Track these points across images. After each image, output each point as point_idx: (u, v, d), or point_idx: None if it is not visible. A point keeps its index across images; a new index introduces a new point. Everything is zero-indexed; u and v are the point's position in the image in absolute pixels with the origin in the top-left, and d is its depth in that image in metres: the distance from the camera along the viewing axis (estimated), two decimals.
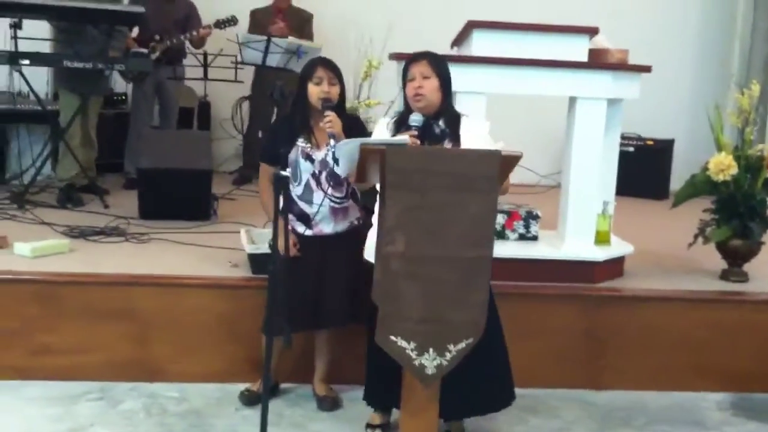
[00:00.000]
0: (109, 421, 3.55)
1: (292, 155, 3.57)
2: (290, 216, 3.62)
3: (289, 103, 3.68)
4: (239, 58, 6.40)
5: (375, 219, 3.45)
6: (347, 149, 2.99)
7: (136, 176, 5.69)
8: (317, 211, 3.56)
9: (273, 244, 3.16)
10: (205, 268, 4.18)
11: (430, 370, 2.89)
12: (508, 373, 3.40)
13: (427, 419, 2.98)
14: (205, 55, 6.78)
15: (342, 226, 3.64)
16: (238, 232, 4.33)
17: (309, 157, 3.56)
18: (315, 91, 3.51)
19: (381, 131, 3.42)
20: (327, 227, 3.61)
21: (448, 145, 3.30)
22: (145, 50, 6.19)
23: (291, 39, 6.16)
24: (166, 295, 3.96)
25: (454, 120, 3.37)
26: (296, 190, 3.61)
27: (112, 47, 5.82)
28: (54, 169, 6.24)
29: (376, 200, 3.48)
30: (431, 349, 2.87)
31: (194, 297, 3.98)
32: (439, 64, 3.36)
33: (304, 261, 3.53)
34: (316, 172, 3.57)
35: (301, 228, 3.61)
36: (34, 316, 3.89)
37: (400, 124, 3.37)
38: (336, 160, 3.51)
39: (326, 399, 3.75)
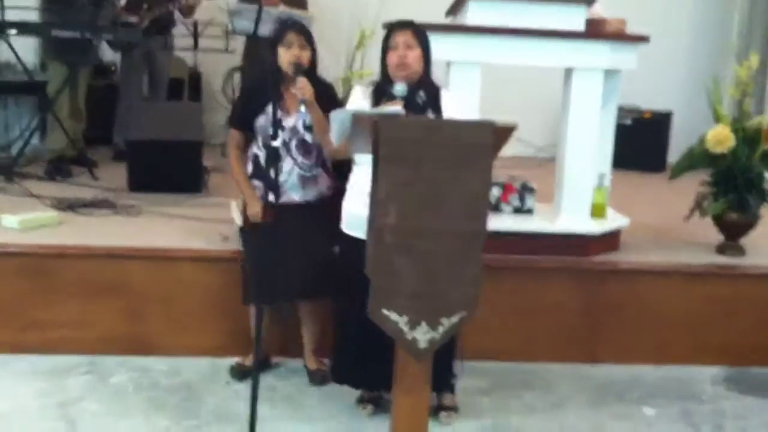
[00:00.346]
0: (99, 394, 3.52)
1: (261, 121, 3.50)
2: (258, 183, 3.57)
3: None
4: (230, 28, 6.30)
5: (349, 189, 3.42)
6: (339, 118, 2.92)
7: (126, 148, 5.62)
8: (285, 179, 3.49)
9: (243, 215, 3.12)
10: (196, 242, 4.13)
11: (422, 344, 2.84)
12: (450, 356, 3.35)
13: (420, 395, 2.94)
14: (195, 24, 6.67)
15: (311, 194, 3.58)
16: (229, 205, 4.27)
17: (279, 124, 3.48)
18: (285, 56, 3.44)
19: (358, 98, 3.37)
20: (296, 195, 3.54)
21: (430, 116, 3.27)
22: (134, 19, 6.09)
23: (282, 8, 6.07)
24: (157, 268, 3.92)
25: (434, 91, 3.35)
26: (265, 157, 3.55)
27: (100, 16, 5.71)
28: (42, 141, 6.16)
29: (350, 170, 3.44)
30: (424, 323, 2.83)
31: (185, 270, 3.94)
32: (422, 35, 3.35)
33: (274, 230, 3.40)
34: (286, 139, 3.50)
35: (270, 196, 3.51)
36: (23, 290, 3.85)
37: (380, 93, 3.32)
38: (306, 127, 3.46)
39: (317, 372, 3.72)
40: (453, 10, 4.31)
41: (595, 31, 4.14)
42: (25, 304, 3.84)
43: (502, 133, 2.83)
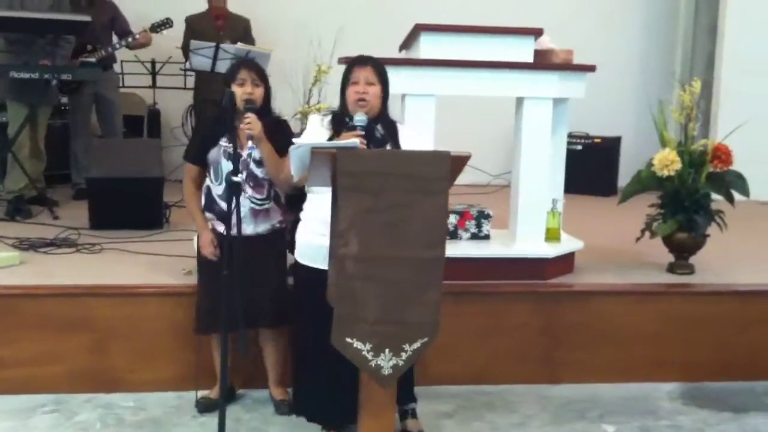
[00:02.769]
0: None
1: (213, 155, 3.58)
2: (210, 215, 3.64)
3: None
4: (188, 65, 6.37)
5: (303, 219, 3.48)
6: (298, 153, 3.00)
7: (86, 186, 5.63)
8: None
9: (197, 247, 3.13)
10: (159, 277, 4.16)
11: (386, 371, 2.91)
12: (413, 370, 3.41)
13: (385, 420, 3.01)
14: (153, 62, 6.74)
15: (263, 227, 3.65)
16: (191, 239, 4.31)
17: (231, 158, 3.52)
18: (238, 92, 3.52)
19: (315, 127, 3.45)
20: (248, 228, 3.58)
21: (389, 148, 3.36)
22: (92, 59, 6.13)
23: (240, 45, 6.16)
24: (121, 304, 3.95)
25: (390, 126, 3.45)
26: (217, 190, 3.62)
27: (59, 56, 5.76)
28: (2, 182, 6.15)
29: (303, 200, 3.51)
30: (387, 350, 2.90)
31: (149, 305, 3.96)
32: (382, 72, 3.45)
33: (226, 262, 3.38)
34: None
35: (221, 227, 3.56)
36: None
37: (339, 123, 3.40)
38: (256, 162, 3.53)
39: (283, 402, 3.76)
40: (406, 44, 4.42)
41: (543, 61, 4.28)
42: None
43: (457, 163, 2.93)
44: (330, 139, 3.34)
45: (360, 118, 3.30)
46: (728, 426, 3.81)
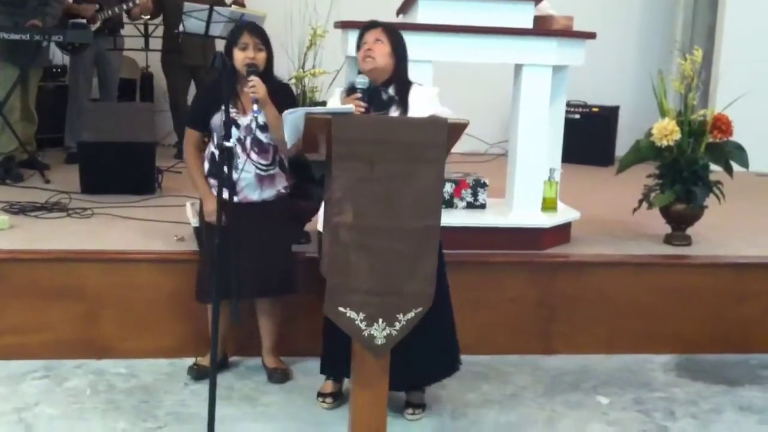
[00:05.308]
0: (55, 398, 3.50)
1: (216, 120, 3.50)
2: (215, 182, 3.58)
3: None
4: (181, 28, 6.27)
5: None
6: (291, 118, 2.95)
7: (78, 150, 5.57)
8: (239, 177, 3.49)
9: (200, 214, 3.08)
10: (150, 243, 4.12)
11: (379, 341, 2.88)
12: (455, 340, 3.43)
13: (378, 390, 2.98)
14: (146, 25, 6.63)
15: (269, 193, 3.59)
16: (183, 206, 4.26)
17: (234, 123, 3.47)
18: (240, 57, 3.46)
19: (335, 102, 3.38)
20: (253, 194, 3.54)
21: (394, 112, 3.29)
22: (84, 20, 6.04)
23: (234, 7, 6.07)
24: (113, 271, 3.90)
25: (404, 87, 3.36)
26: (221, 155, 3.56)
27: (50, 16, 5.67)
28: None
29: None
30: (380, 320, 2.87)
31: (141, 272, 3.92)
32: (393, 32, 3.38)
33: (230, 228, 3.32)
34: (241, 137, 3.51)
35: (225, 194, 3.52)
36: None
37: (350, 92, 3.33)
38: (261, 126, 3.48)
39: (276, 371, 3.73)
40: (403, 9, 4.35)
41: (543, 27, 4.22)
42: None
43: (455, 130, 2.88)
44: None
45: (361, 80, 3.24)
46: (722, 398, 3.80)
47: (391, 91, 3.33)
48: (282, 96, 3.51)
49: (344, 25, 4.06)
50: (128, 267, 3.93)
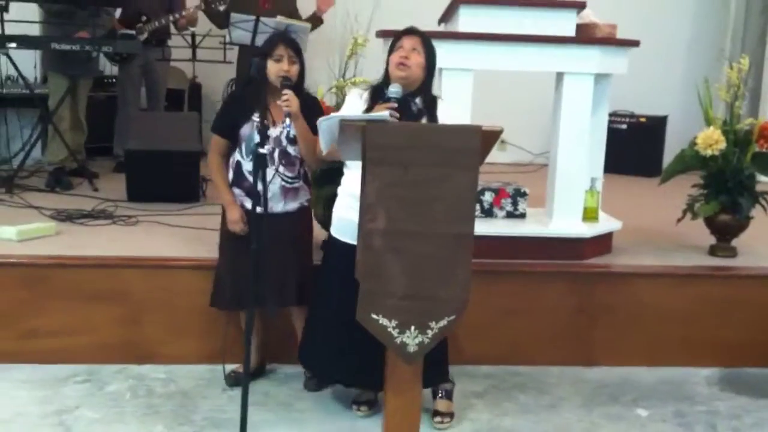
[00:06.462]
0: (95, 402, 3.55)
1: (246, 130, 3.53)
2: (239, 191, 3.61)
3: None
4: (228, 39, 6.35)
5: (340, 194, 3.46)
6: (327, 125, 2.97)
7: (124, 158, 5.67)
8: (268, 189, 3.49)
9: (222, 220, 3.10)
10: (193, 250, 4.17)
11: (411, 348, 2.87)
12: (445, 351, 3.41)
13: (411, 396, 2.97)
14: (193, 36, 6.74)
15: (292, 205, 3.61)
16: None
17: (259, 130, 3.47)
18: (274, 69, 3.48)
19: (354, 102, 3.39)
20: (277, 206, 3.55)
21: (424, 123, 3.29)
22: (132, 32, 6.15)
23: (280, 18, 6.11)
24: (155, 276, 3.95)
25: (431, 101, 3.37)
26: (247, 165, 3.56)
27: (98, 27, 5.79)
28: (43, 153, 6.22)
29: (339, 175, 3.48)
30: (413, 327, 2.86)
31: (184, 278, 3.96)
32: (429, 45, 3.38)
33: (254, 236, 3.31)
34: (270, 149, 3.53)
35: (248, 203, 3.52)
36: (21, 300, 3.88)
37: (377, 95, 3.33)
38: (290, 139, 3.50)
39: (312, 377, 3.74)
40: (445, 18, 4.35)
41: (585, 35, 4.18)
42: (24, 314, 3.88)
43: (488, 137, 2.87)
44: (366, 112, 3.28)
45: (394, 89, 3.23)
46: (766, 413, 3.71)
47: (418, 102, 3.33)
48: (310, 109, 3.52)
49: (386, 34, 4.06)
50: (170, 273, 3.97)
